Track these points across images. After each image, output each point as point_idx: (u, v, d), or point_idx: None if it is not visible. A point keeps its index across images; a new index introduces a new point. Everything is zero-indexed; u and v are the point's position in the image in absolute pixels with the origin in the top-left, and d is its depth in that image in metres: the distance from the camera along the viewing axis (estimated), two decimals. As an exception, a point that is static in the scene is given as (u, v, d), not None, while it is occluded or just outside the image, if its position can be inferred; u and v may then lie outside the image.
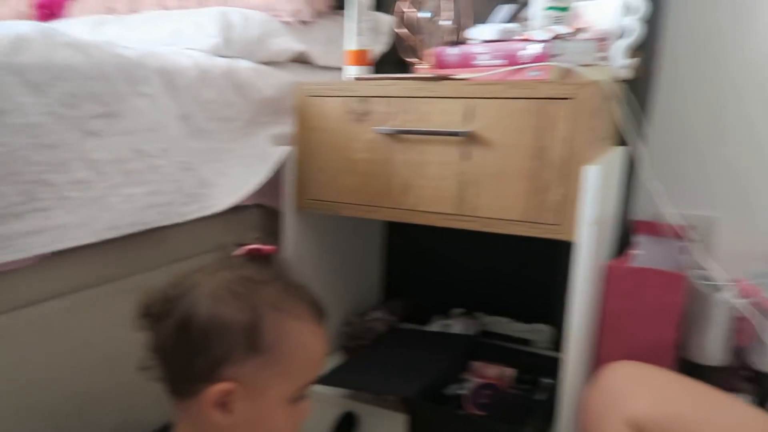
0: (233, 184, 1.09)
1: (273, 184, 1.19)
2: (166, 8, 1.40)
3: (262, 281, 0.63)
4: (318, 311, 0.67)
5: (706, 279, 1.19)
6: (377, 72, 1.23)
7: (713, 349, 1.23)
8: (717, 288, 1.18)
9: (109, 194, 0.87)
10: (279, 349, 0.61)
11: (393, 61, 1.35)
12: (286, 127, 1.21)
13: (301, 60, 1.34)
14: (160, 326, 0.63)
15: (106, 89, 0.88)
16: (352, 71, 1.15)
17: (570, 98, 0.90)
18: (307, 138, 1.14)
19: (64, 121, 0.82)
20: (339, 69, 1.23)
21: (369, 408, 1.18)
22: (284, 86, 1.22)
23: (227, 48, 1.17)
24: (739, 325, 1.21)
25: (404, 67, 1.36)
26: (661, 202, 1.18)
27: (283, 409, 0.63)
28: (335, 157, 1.11)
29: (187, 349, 0.60)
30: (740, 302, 1.18)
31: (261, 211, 1.24)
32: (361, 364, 1.24)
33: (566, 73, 0.93)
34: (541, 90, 0.92)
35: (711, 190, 1.41)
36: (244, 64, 1.16)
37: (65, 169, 0.82)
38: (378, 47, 1.41)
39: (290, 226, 1.20)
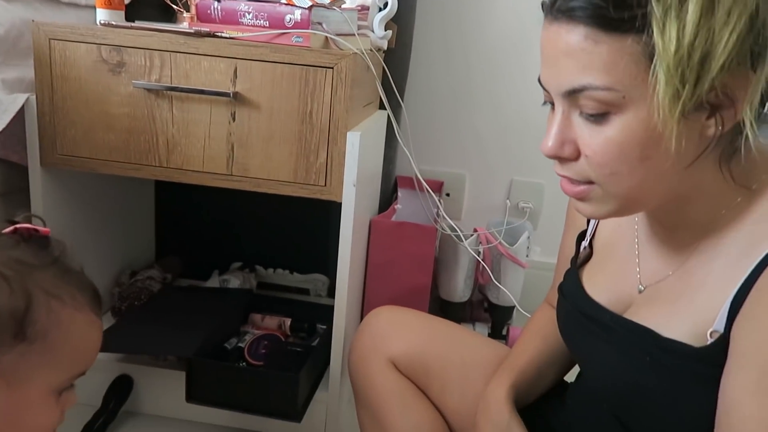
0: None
1: (14, 135, 1.05)
2: None
3: (36, 265, 0.57)
4: (96, 300, 0.63)
5: (453, 229, 1.37)
6: (136, 17, 1.13)
7: (460, 289, 1.43)
8: (462, 237, 1.36)
9: None
10: (50, 338, 0.56)
11: (157, 3, 1.25)
12: (26, 71, 1.06)
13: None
14: None
15: None
16: (102, 15, 1.04)
17: (330, 67, 0.95)
18: (52, 87, 1.01)
19: None
20: (93, 9, 1.10)
21: (144, 369, 1.16)
22: (19, 24, 1.05)
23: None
24: (480, 267, 1.42)
25: (169, 14, 1.28)
26: (416, 161, 1.31)
27: (46, 400, 0.59)
28: (90, 111, 1.02)
29: None
30: (480, 248, 1.39)
31: (3, 166, 1.09)
32: (135, 326, 1.19)
33: (326, 42, 0.97)
34: (304, 57, 0.94)
35: (460, 150, 1.60)
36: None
37: None
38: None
39: (37, 184, 1.08)
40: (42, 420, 0.60)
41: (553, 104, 0.56)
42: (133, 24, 1.02)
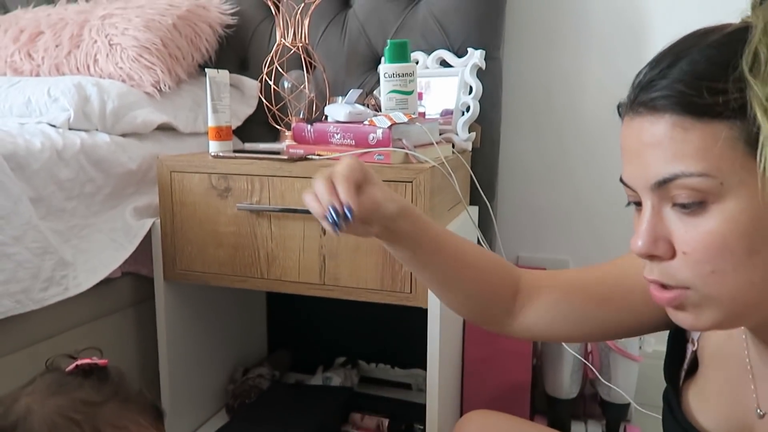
0: (97, 259, 1.09)
1: (144, 252, 1.20)
2: (17, 72, 1.37)
3: (98, 402, 0.63)
4: (157, 415, 0.69)
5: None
6: (246, 134, 1.27)
7: (566, 385, 1.36)
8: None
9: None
10: None
11: (263, 121, 1.40)
12: (153, 197, 1.22)
13: (167, 128, 1.35)
14: None
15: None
16: (213, 147, 1.19)
17: (410, 181, 1.00)
18: (172, 211, 1.16)
19: None
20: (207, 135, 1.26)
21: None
22: (148, 158, 1.23)
23: (84, 121, 1.16)
24: (588, 360, 1.35)
25: (275, 132, 1.42)
26: (516, 250, 1.31)
27: None
28: (202, 230, 1.15)
29: None
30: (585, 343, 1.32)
31: (131, 279, 1.24)
32: (245, 425, 1.27)
33: (406, 157, 1.03)
34: (385, 174, 1.01)
35: (561, 235, 1.57)
36: (102, 139, 1.16)
37: None
38: (245, 110, 1.46)
39: (161, 296, 1.22)
40: None
41: (637, 204, 0.53)
42: (237, 154, 1.15)
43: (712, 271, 0.47)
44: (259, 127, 1.48)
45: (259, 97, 1.38)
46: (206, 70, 1.20)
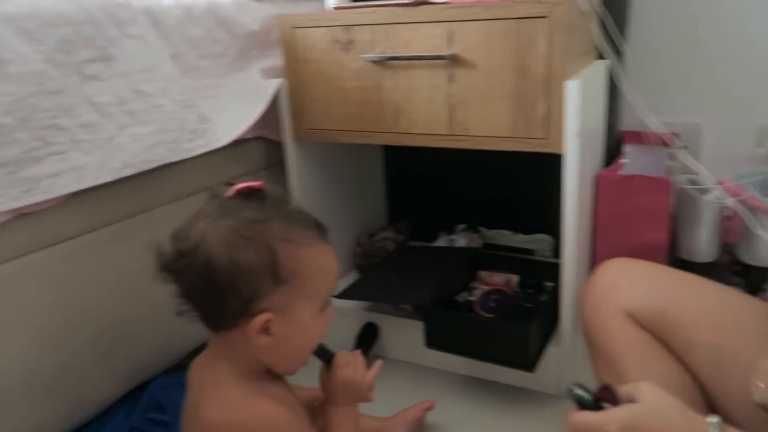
0: (232, 118, 1.13)
1: (270, 117, 1.24)
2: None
3: (265, 219, 0.67)
4: (320, 230, 0.73)
5: (693, 182, 1.24)
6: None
7: (704, 247, 1.29)
8: (704, 190, 1.22)
9: (118, 135, 0.93)
10: (299, 275, 0.68)
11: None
12: (276, 59, 1.24)
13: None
14: (183, 279, 0.68)
15: (97, 33, 0.92)
16: (332, 0, 1.16)
17: (545, 16, 0.93)
18: (297, 69, 1.17)
19: (64, 67, 0.87)
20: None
21: (386, 318, 1.28)
22: (268, 19, 1.23)
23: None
24: (727, 223, 1.26)
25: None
26: (644, 112, 1.21)
27: (313, 319, 0.72)
28: (327, 87, 1.15)
29: (218, 294, 0.66)
30: (728, 201, 1.23)
31: (262, 144, 1.29)
32: (377, 279, 1.33)
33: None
34: (516, 10, 0.94)
35: (693, 96, 1.43)
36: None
37: (73, 114, 0.88)
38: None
39: (292, 156, 1.26)
40: (314, 333, 0.74)
41: None
42: (358, 3, 1.12)
43: None
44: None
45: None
46: None
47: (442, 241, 1.49)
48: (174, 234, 0.69)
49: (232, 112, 1.14)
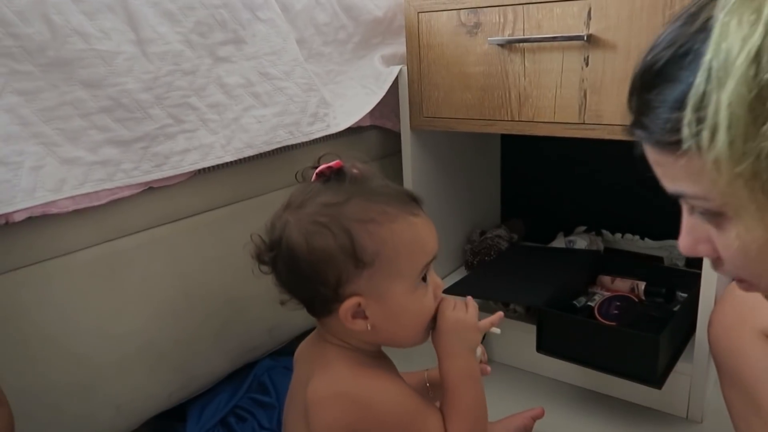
0: (351, 104, 1.13)
1: (387, 106, 1.22)
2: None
3: (341, 202, 0.64)
4: (408, 200, 0.68)
5: None
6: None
7: None
8: None
9: (243, 116, 0.95)
10: (383, 254, 0.64)
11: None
12: (398, 47, 1.22)
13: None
14: (276, 269, 0.68)
15: (231, 16, 0.94)
16: (462, -18, 1.12)
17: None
18: (419, 55, 1.14)
19: (198, 49, 0.90)
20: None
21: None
22: (392, 5, 1.22)
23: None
24: None
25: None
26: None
27: (412, 295, 0.67)
28: (449, 73, 1.11)
29: (306, 283, 0.65)
30: None
31: (378, 133, 1.28)
32: (487, 277, 1.26)
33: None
34: (671, -21, 0.85)
35: None
36: (351, -16, 1.17)
37: (203, 94, 0.90)
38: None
39: (407, 145, 1.23)
40: (418, 308, 0.69)
41: None
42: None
43: (753, 274, 0.47)
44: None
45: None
46: None
47: (560, 242, 1.40)
48: (266, 225, 0.69)
49: (352, 98, 1.13)
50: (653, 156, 0.46)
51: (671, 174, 0.46)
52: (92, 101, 0.78)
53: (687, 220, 0.49)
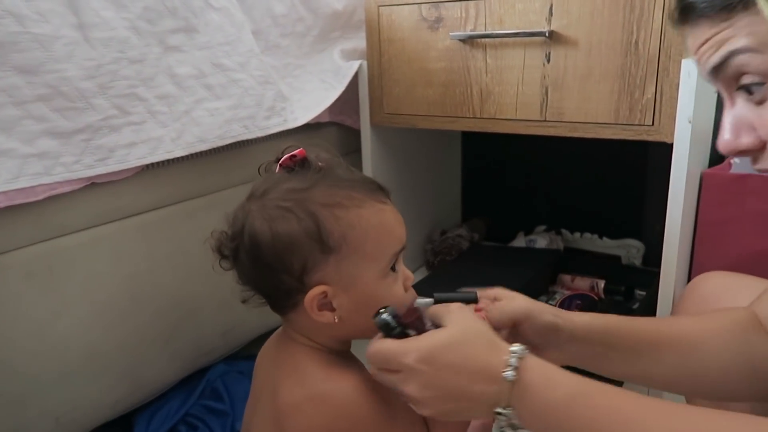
0: (310, 99, 1.09)
1: (347, 102, 1.18)
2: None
3: (306, 187, 0.62)
4: (374, 188, 0.65)
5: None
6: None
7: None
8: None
9: (195, 108, 0.90)
10: (350, 240, 0.61)
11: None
12: (358, 41, 1.19)
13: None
14: (238, 262, 0.65)
15: (181, 3, 0.89)
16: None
17: (666, -18, 0.83)
18: (380, 51, 1.11)
19: (146, 36, 0.85)
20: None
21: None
22: (353, 0, 1.19)
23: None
24: None
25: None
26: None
27: (381, 283, 0.64)
28: (410, 69, 1.09)
29: (269, 273, 0.62)
30: None
31: (337, 129, 1.24)
32: (447, 277, 1.25)
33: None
34: (633, -25, 0.85)
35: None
36: (312, -24, 1.14)
37: (151, 84, 0.85)
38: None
39: (367, 142, 1.20)
40: (389, 294, 0.65)
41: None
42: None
43: None
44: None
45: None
46: None
47: (520, 242, 1.40)
48: (228, 217, 0.66)
49: (311, 93, 1.10)
50: (706, 30, 0.47)
51: (725, 37, 0.46)
52: (28, 88, 0.72)
53: (728, 115, 0.50)
